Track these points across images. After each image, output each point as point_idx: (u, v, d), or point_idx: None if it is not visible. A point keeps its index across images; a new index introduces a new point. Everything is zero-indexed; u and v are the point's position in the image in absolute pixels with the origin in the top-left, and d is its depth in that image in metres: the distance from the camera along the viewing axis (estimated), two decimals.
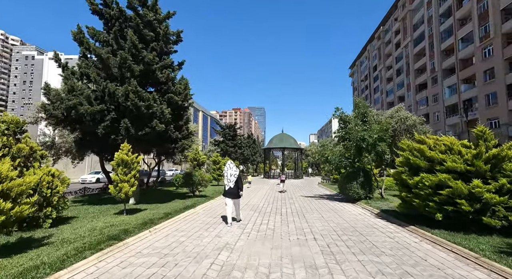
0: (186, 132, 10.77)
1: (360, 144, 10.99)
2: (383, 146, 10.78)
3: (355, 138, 11.08)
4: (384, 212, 8.63)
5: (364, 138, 10.81)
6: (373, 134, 10.96)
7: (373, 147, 11.00)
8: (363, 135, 10.88)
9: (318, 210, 9.73)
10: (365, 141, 10.83)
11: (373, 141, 10.84)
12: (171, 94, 9.57)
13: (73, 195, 13.33)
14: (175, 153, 10.89)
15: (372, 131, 11.14)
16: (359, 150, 11.36)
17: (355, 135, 10.95)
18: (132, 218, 7.37)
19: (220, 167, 20.31)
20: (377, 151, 10.69)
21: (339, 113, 13.04)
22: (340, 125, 13.05)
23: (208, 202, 11.34)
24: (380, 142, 10.82)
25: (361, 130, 11.13)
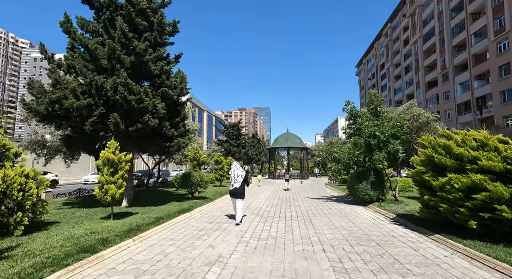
0: (183, 130, 9.99)
1: (370, 141, 10.04)
2: (396, 144, 9.81)
3: (365, 134, 10.14)
4: (401, 217, 7.68)
5: (375, 135, 9.86)
6: (386, 130, 10.00)
7: (384, 144, 10.04)
8: (374, 131, 9.93)
9: (326, 214, 8.84)
10: (376, 138, 9.87)
11: (385, 138, 9.88)
12: (165, 88, 8.82)
13: (67, 196, 12.74)
14: (171, 152, 10.14)
15: (385, 127, 10.17)
16: (369, 147, 10.41)
17: (366, 131, 10.01)
18: (118, 223, 6.62)
19: (223, 167, 19.55)
20: (389, 149, 9.72)
21: (349, 107, 12.10)
22: (350, 120, 12.11)
23: (206, 204, 10.55)
24: (393, 140, 9.85)
25: (372, 125, 10.18)
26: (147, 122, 8.08)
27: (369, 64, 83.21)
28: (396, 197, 10.76)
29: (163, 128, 9.11)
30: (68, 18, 8.41)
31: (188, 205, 9.78)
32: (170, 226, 6.87)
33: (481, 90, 38.81)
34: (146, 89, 8.06)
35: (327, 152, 12.30)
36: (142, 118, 8.07)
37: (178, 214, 8.15)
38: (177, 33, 10.42)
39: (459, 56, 42.93)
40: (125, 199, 9.54)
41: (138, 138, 8.69)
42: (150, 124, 8.12)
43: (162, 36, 9.64)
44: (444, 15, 46.50)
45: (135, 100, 7.79)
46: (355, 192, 10.88)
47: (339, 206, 10.61)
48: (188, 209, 8.94)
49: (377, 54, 76.55)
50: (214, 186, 19.68)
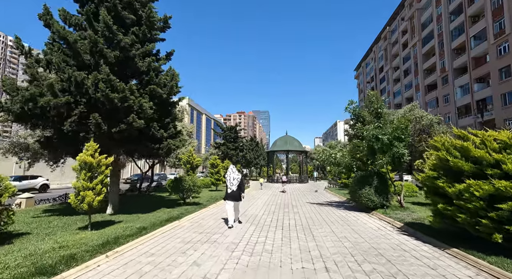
0: (174, 131, 9.31)
1: (373, 144, 9.39)
2: (401, 148, 9.17)
3: (368, 137, 9.50)
4: (410, 226, 7.00)
5: (377, 137, 9.22)
6: (388, 132, 9.35)
7: (388, 148, 9.39)
8: (377, 134, 9.28)
9: (327, 222, 8.14)
10: (379, 141, 9.23)
11: (388, 141, 9.24)
12: (154, 86, 8.17)
13: (51, 202, 11.97)
14: (161, 155, 9.45)
15: (387, 129, 9.52)
16: (372, 151, 9.75)
17: (368, 134, 9.37)
18: (95, 235, 5.90)
19: (219, 171, 18.84)
20: (394, 152, 9.07)
21: (352, 107, 11.47)
22: (352, 121, 11.47)
23: (198, 211, 9.82)
24: (398, 143, 9.21)
25: (373, 128, 9.54)
26: (132, 123, 7.40)
27: (368, 67, 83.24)
28: (401, 203, 10.09)
29: (151, 129, 8.43)
30: (48, 11, 7.77)
31: (178, 212, 9.06)
32: (154, 238, 6.15)
33: (481, 93, 38.46)
34: (132, 87, 7.40)
35: (327, 155, 11.64)
36: (126, 119, 7.39)
37: (165, 223, 7.43)
38: (168, 29, 9.81)
39: (459, 59, 42.70)
40: (109, 206, 8.81)
41: (122, 140, 8.00)
42: (135, 125, 7.44)
43: (152, 31, 9.03)
44: (443, 18, 46.42)
45: (119, 99, 7.13)
46: (358, 198, 10.20)
47: (340, 213, 9.92)
48: (177, 217, 8.22)
49: (376, 58, 76.60)
50: (211, 191, 18.93)
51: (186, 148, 16.95)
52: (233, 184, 7.59)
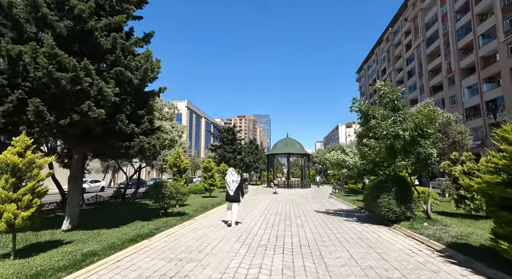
0: (149, 126, 7.56)
1: (393, 143, 7.59)
2: (428, 146, 7.38)
3: (386, 135, 7.69)
4: (455, 249, 5.17)
5: (398, 135, 7.43)
6: (410, 127, 7.56)
7: (411, 147, 7.59)
8: (397, 131, 7.49)
9: (340, 241, 6.32)
10: (400, 139, 7.44)
11: (410, 138, 7.46)
12: (121, 68, 6.47)
13: None
14: (132, 155, 7.69)
15: (408, 124, 7.73)
16: (391, 151, 7.96)
17: (385, 131, 7.57)
18: (11, 268, 4.09)
19: (213, 175, 17.03)
20: (419, 152, 7.26)
21: (357, 105, 9.71)
22: (361, 120, 9.69)
23: (180, 225, 8.00)
24: (423, 140, 7.43)
25: (391, 123, 7.75)
26: (88, 113, 5.68)
27: (370, 69, 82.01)
28: (428, 214, 8.26)
29: (118, 122, 6.69)
30: None
31: (153, 227, 7.25)
32: (100, 271, 4.34)
33: (491, 93, 36.77)
34: (87, 65, 5.69)
35: (335, 159, 9.86)
36: (79, 107, 5.67)
37: (129, 243, 5.62)
38: (145, 4, 8.15)
39: (466, 58, 41.16)
40: (66, 220, 7.01)
41: (76, 134, 6.27)
42: (92, 116, 5.72)
43: (122, 3, 7.36)
44: (449, 17, 45.07)
45: (68, 79, 5.42)
46: (374, 207, 8.37)
47: (354, 226, 8.08)
48: (148, 234, 6.41)
49: (378, 60, 75.41)
50: (204, 197, 17.11)
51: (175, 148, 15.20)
52: (233, 186, 8.02)
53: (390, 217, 7.99)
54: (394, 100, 8.37)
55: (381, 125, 7.72)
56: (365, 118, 9.42)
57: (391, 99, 8.36)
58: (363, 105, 9.42)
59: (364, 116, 9.40)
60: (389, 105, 8.78)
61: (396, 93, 8.47)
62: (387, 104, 8.83)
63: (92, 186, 30.10)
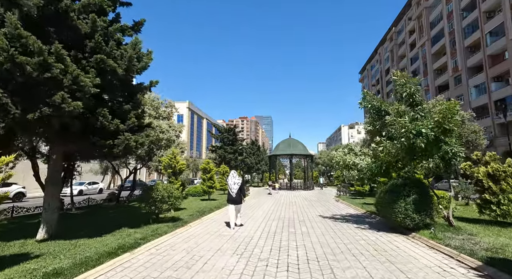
0: (136, 122, 6.71)
1: (413, 142, 6.68)
2: (454, 144, 6.49)
3: (404, 133, 6.81)
4: (496, 268, 4.28)
5: (420, 132, 6.55)
6: (432, 124, 6.69)
7: (434, 145, 6.71)
8: (419, 128, 6.60)
9: (355, 255, 5.44)
10: (422, 137, 6.55)
11: (434, 137, 6.58)
12: (102, 56, 5.68)
13: None
14: (117, 155, 6.84)
15: (429, 121, 6.85)
16: (410, 151, 7.07)
17: (403, 128, 6.68)
18: None
19: (212, 177, 16.20)
20: (445, 151, 6.37)
21: (368, 100, 8.85)
22: (373, 117, 8.82)
23: (171, 233, 7.15)
24: (449, 138, 6.55)
25: (410, 119, 6.86)
26: (61, 106, 4.89)
27: (373, 70, 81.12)
28: (450, 221, 7.35)
29: (99, 117, 5.89)
30: None
31: (140, 236, 6.42)
32: None
33: (500, 93, 35.71)
34: (58, 50, 4.90)
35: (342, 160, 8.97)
36: (51, 99, 4.88)
37: (107, 258, 4.79)
38: None
39: (473, 57, 40.16)
40: (42, 228, 6.20)
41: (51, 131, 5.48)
42: (66, 109, 4.92)
43: None
44: (455, 15, 44.11)
45: (34, 65, 4.63)
46: (390, 213, 7.47)
47: (367, 235, 7.19)
48: (132, 246, 5.58)
49: (382, 60, 74.52)
50: (203, 200, 16.29)
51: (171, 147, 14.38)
52: (234, 188, 8.10)
53: (407, 225, 7.09)
54: (413, 94, 7.49)
55: (400, 122, 6.84)
56: (377, 115, 8.55)
57: (408, 93, 7.47)
58: (376, 100, 8.55)
59: (376, 113, 8.54)
60: (406, 99, 7.89)
61: (414, 84, 7.58)
62: (404, 98, 7.92)
63: (90, 188, 29.41)
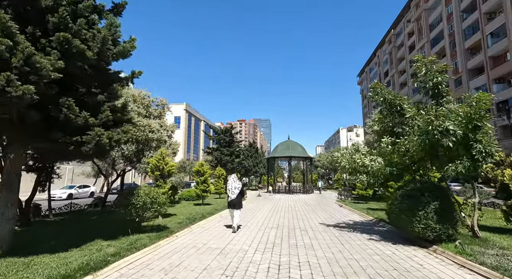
0: (110, 116, 5.67)
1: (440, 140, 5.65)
2: (487, 143, 5.54)
3: (427, 131, 5.84)
4: None
5: (447, 130, 5.59)
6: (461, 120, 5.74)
7: (463, 144, 5.73)
8: (447, 125, 5.62)
9: (371, 276, 4.43)
10: (449, 135, 5.60)
11: (462, 134, 5.63)
12: (66, 34, 4.70)
13: None
14: (87, 154, 5.79)
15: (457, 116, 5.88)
16: (433, 151, 6.11)
17: (429, 125, 5.72)
18: None
19: (206, 180, 15.14)
20: (479, 151, 5.40)
21: (379, 92, 7.95)
22: (384, 112, 7.89)
23: (152, 246, 6.09)
24: (481, 135, 5.61)
25: (435, 115, 5.92)
26: (5, 89, 3.89)
27: (372, 72, 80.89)
28: (475, 231, 6.39)
29: (63, 108, 4.89)
30: None
31: (112, 251, 5.37)
32: None
33: (502, 94, 35.09)
34: (5, 21, 3.91)
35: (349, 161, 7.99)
36: None
37: None
38: None
39: (474, 59, 39.69)
40: None
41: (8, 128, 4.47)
42: (11, 94, 3.93)
43: None
44: (454, 16, 43.76)
45: None
46: (405, 223, 6.48)
47: (380, 248, 6.19)
48: (97, 266, 4.52)
49: (380, 62, 74.31)
50: (196, 205, 15.21)
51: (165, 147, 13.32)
52: (234, 193, 8.23)
53: (427, 236, 6.10)
54: (438, 84, 6.58)
55: (424, 118, 5.88)
56: (388, 110, 7.62)
57: (434, 83, 6.54)
58: (389, 93, 7.62)
59: (388, 108, 7.61)
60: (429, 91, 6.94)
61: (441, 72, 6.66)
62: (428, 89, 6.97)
63: (81, 192, 28.16)
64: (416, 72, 7.34)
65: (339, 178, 31.52)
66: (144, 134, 12.69)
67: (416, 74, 7.32)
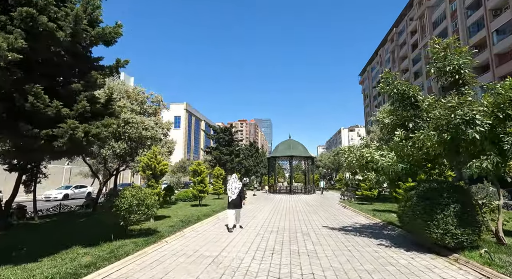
0: (87, 106, 4.99)
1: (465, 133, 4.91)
2: None
3: (448, 123, 5.13)
4: None
5: (473, 120, 4.88)
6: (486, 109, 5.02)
7: (492, 137, 4.99)
8: (473, 115, 4.91)
9: None
10: (473, 126, 4.88)
11: (489, 126, 4.92)
12: (30, 9, 4.03)
13: None
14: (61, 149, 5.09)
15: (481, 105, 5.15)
16: (453, 146, 5.41)
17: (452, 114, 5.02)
18: None
19: (203, 180, 14.47)
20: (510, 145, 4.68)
21: (389, 81, 7.29)
22: (395, 104, 7.20)
23: (135, 254, 5.40)
24: (508, 126, 4.91)
25: (457, 102, 5.22)
26: None
27: (374, 71, 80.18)
28: (500, 237, 5.66)
29: (28, 96, 4.22)
30: None
31: (86, 262, 4.69)
32: None
33: None
34: None
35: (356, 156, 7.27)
36: None
37: None
38: None
39: (479, 56, 38.82)
40: None
41: None
42: None
43: None
44: (459, 14, 42.99)
45: None
46: (420, 227, 5.76)
47: (393, 256, 5.48)
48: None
49: (382, 61, 73.60)
50: (193, 206, 14.54)
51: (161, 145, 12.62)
52: (234, 193, 8.32)
53: (447, 243, 5.38)
54: (460, 69, 5.89)
55: (445, 106, 5.18)
56: (400, 102, 6.94)
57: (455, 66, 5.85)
58: (402, 83, 6.94)
59: (399, 99, 6.92)
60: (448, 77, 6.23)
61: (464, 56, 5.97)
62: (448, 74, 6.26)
63: (77, 192, 27.63)
64: (432, 57, 6.64)
65: (341, 178, 30.80)
66: (138, 131, 12.03)
67: (433, 59, 6.62)
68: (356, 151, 7.16)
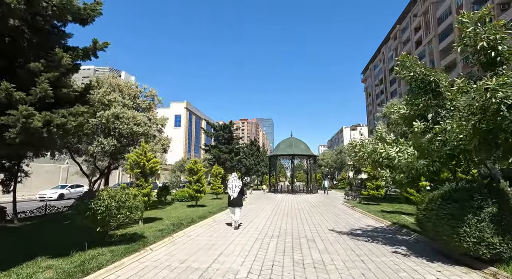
0: (49, 91, 4.12)
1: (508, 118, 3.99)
2: None
3: (485, 107, 4.24)
4: None
5: None
6: None
7: None
8: None
9: None
10: None
11: None
12: None
13: None
14: (13, 143, 4.29)
15: None
16: (492, 138, 4.52)
17: (487, 92, 4.15)
18: None
19: (200, 179, 13.61)
20: None
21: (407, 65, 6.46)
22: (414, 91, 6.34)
23: (111, 266, 4.56)
24: None
25: (496, 85, 4.34)
26: None
27: (376, 69, 79.10)
28: None
29: None
30: None
31: (58, 274, 3.85)
32: None
33: None
34: None
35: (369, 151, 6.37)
36: None
37: None
38: None
39: None
40: None
41: None
42: None
43: None
44: (465, 9, 41.83)
45: None
46: (447, 235, 4.87)
47: (417, 270, 4.60)
48: None
49: (385, 59, 72.51)
50: (189, 207, 13.69)
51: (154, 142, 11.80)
52: (235, 191, 8.41)
53: (481, 254, 4.50)
54: (498, 44, 5.02)
55: (481, 88, 4.29)
56: (421, 89, 6.07)
57: (491, 41, 4.98)
58: (420, 66, 6.07)
59: (420, 86, 6.05)
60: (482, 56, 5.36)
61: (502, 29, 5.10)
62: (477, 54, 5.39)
63: (73, 192, 26.82)
64: (460, 33, 5.76)
65: (344, 177, 29.87)
66: (129, 127, 11.20)
67: (461, 36, 5.74)
68: (369, 145, 6.26)
